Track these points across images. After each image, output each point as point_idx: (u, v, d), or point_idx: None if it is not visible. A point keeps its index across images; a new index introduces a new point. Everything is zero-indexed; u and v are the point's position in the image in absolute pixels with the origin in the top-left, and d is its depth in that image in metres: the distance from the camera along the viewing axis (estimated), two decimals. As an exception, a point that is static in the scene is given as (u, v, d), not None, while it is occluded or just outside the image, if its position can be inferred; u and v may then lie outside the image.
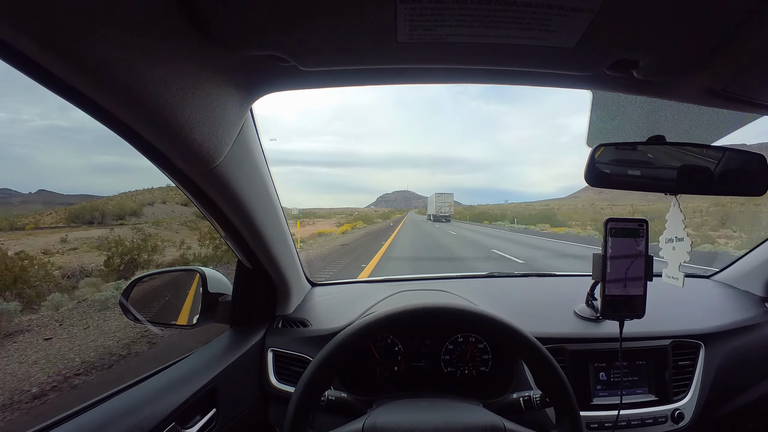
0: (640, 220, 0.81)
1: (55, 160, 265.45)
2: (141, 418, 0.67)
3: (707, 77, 0.57)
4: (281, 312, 1.09)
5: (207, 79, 0.51)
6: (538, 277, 1.47)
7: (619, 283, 0.80)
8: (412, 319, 0.68)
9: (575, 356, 0.93)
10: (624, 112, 0.86)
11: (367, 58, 0.55)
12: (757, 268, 1.21)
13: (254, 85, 0.62)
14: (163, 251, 12.48)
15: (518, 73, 0.61)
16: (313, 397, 0.65)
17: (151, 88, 0.44)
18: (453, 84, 0.67)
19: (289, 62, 0.54)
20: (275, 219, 0.90)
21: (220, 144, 0.59)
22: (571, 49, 0.51)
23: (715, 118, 0.86)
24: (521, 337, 0.67)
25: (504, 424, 0.64)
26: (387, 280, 1.43)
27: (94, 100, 0.43)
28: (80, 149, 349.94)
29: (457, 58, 0.55)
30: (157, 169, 0.61)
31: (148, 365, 0.87)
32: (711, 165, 0.81)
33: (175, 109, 0.48)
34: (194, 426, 0.75)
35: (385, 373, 1.01)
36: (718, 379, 0.95)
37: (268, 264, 0.95)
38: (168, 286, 1.04)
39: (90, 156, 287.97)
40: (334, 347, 0.66)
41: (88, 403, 0.69)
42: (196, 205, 0.74)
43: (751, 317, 1.07)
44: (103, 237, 15.56)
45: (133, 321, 0.94)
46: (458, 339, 1.02)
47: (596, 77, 0.61)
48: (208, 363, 0.87)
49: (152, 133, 0.51)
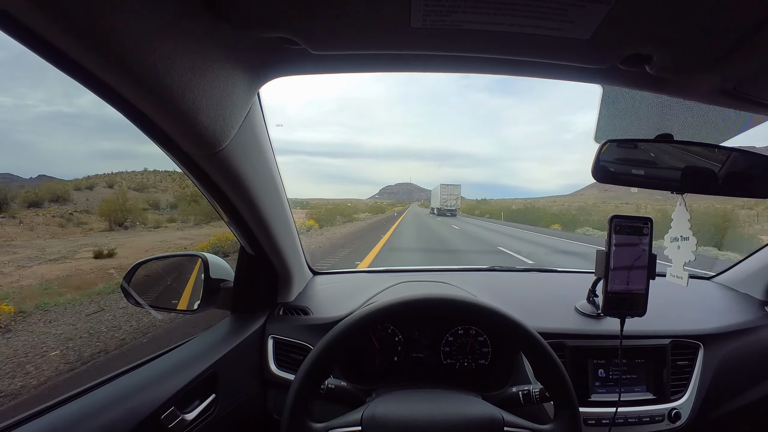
0: (644, 219, 0.81)
1: (58, 146, 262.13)
2: (141, 401, 0.67)
3: (720, 76, 0.56)
4: (282, 299, 1.09)
5: (216, 60, 0.51)
6: (539, 273, 1.47)
7: (622, 280, 0.80)
8: (415, 310, 0.68)
9: (575, 352, 0.93)
10: (633, 109, 0.86)
11: (378, 42, 0.54)
12: (757, 271, 1.21)
13: (263, 68, 0.62)
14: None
15: (531, 63, 0.60)
16: (314, 384, 0.65)
17: (158, 67, 0.43)
18: (463, 73, 0.66)
19: (299, 45, 0.53)
20: (279, 205, 0.90)
21: (226, 127, 0.59)
22: (585, 41, 0.50)
23: (723, 118, 0.86)
24: (523, 331, 0.67)
25: (503, 417, 0.64)
26: (388, 271, 1.43)
27: (101, 77, 0.43)
28: (83, 135, 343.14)
29: (469, 46, 0.55)
30: (159, 156, 0.60)
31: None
32: (717, 165, 0.81)
33: (183, 89, 0.47)
34: (193, 410, 0.76)
35: (385, 363, 1.02)
36: (715, 380, 0.96)
37: (271, 251, 0.94)
38: (170, 270, 1.04)
39: (93, 142, 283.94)
40: (336, 335, 0.66)
41: (88, 385, 0.70)
42: (200, 189, 0.74)
43: (751, 320, 1.07)
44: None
45: (134, 305, 0.94)
46: (458, 331, 1.02)
47: (609, 71, 0.60)
48: (209, 348, 0.87)
49: (158, 114, 0.50)
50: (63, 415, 0.61)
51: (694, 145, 0.80)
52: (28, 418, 0.59)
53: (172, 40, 0.44)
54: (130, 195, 28.03)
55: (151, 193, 34.15)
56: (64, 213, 18.77)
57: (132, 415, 0.64)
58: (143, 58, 0.42)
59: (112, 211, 17.02)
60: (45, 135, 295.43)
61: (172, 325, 3.78)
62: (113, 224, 16.57)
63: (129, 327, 3.76)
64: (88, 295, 5.12)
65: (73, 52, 0.39)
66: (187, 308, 0.95)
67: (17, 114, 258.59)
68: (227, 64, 0.53)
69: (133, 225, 17.29)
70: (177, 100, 0.48)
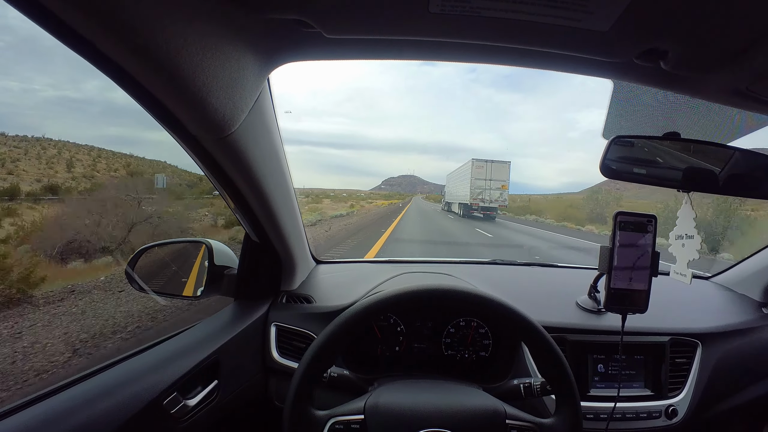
0: (649, 216, 0.81)
1: (64, 131, 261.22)
2: (143, 386, 0.67)
3: (733, 75, 0.56)
4: (286, 287, 1.09)
5: (228, 42, 0.50)
6: (540, 267, 1.47)
7: (625, 276, 0.80)
8: (421, 300, 0.68)
9: (575, 347, 0.94)
10: (642, 107, 0.85)
11: (395, 27, 0.53)
12: (756, 273, 1.22)
13: (275, 52, 0.61)
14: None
15: (547, 55, 0.59)
16: (317, 372, 0.65)
17: (171, 46, 0.43)
18: (479, 63, 0.66)
19: (313, 28, 0.52)
20: (285, 193, 0.89)
21: (236, 111, 0.58)
22: (603, 33, 0.50)
23: (732, 118, 0.86)
24: (527, 323, 0.67)
25: (505, 409, 0.64)
26: (391, 261, 1.43)
27: (111, 56, 0.42)
28: (90, 121, 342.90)
29: (487, 35, 0.54)
30: (162, 142, 0.60)
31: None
32: (723, 164, 0.81)
33: (193, 71, 0.47)
34: (195, 396, 0.76)
35: (386, 353, 1.02)
36: (712, 378, 0.97)
37: (276, 238, 0.94)
38: (174, 257, 1.04)
39: (99, 128, 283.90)
40: (342, 323, 0.66)
41: (91, 369, 0.70)
42: (206, 174, 0.73)
43: (748, 321, 1.08)
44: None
45: (138, 290, 0.95)
46: (460, 323, 1.02)
47: (623, 66, 0.60)
48: (212, 335, 0.87)
49: (168, 95, 0.50)
50: (66, 399, 0.61)
51: (702, 143, 0.80)
52: (31, 402, 0.59)
53: (186, 19, 0.43)
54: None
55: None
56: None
57: (135, 400, 0.64)
58: (155, 37, 0.41)
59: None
60: (52, 119, 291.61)
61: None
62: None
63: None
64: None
65: (83, 29, 0.38)
66: (191, 294, 0.96)
67: (24, 98, 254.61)
68: (239, 46, 0.53)
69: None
70: (188, 81, 0.47)
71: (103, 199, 11.15)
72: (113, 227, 9.15)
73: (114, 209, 9.92)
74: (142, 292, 0.95)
